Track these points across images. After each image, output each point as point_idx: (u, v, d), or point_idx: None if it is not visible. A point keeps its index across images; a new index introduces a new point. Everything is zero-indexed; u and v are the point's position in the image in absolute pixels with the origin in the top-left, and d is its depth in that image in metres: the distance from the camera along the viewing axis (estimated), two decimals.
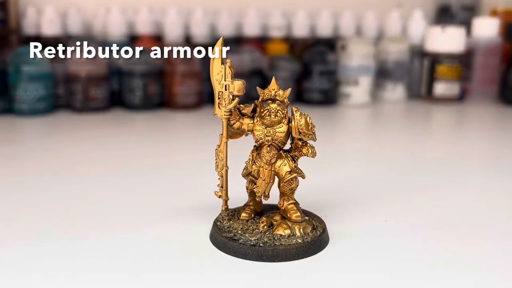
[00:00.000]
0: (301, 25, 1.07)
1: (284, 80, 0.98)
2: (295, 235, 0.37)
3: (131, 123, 0.84)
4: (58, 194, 0.49)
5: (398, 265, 0.35)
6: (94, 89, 0.87)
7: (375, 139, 0.80)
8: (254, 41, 1.05)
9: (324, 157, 0.64)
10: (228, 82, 0.37)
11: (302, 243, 0.36)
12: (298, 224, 0.37)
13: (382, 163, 0.63)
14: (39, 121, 0.82)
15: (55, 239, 0.38)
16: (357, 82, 0.97)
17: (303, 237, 0.36)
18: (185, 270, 0.34)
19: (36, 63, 0.83)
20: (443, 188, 0.52)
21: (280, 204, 0.39)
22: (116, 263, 0.35)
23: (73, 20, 0.99)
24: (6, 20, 0.93)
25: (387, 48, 1.03)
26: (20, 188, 0.51)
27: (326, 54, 0.97)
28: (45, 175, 0.55)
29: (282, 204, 0.38)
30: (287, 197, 0.38)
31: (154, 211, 0.44)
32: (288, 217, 0.38)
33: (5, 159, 0.62)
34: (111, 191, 0.50)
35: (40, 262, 0.35)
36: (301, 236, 0.36)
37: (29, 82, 0.83)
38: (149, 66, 0.89)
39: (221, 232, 0.37)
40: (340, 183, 0.53)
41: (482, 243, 0.39)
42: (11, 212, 0.44)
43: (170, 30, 1.00)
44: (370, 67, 0.98)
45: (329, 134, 0.79)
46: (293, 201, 0.38)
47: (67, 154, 0.64)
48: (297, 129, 0.37)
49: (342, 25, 1.09)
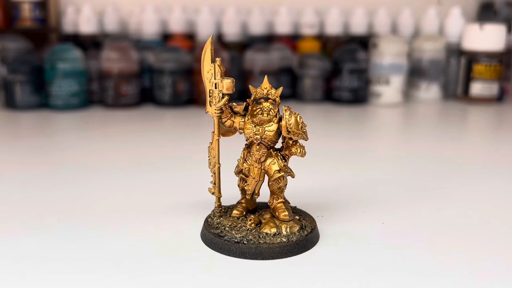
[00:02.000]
0: (334, 22, 1.06)
1: (313, 78, 0.97)
2: (281, 234, 0.37)
3: (160, 119, 0.86)
4: (81, 186, 0.51)
5: (378, 271, 0.34)
6: (125, 86, 0.90)
7: (405, 140, 0.78)
8: (285, 39, 1.05)
9: (348, 156, 0.64)
10: (217, 80, 0.37)
11: (286, 242, 0.36)
12: (286, 223, 0.37)
13: (408, 165, 0.61)
14: (72, 116, 0.85)
15: (52, 231, 0.40)
16: (388, 81, 0.95)
17: (289, 236, 0.36)
18: (166, 263, 0.35)
19: (70, 60, 0.87)
20: (465, 193, 0.50)
21: (270, 203, 0.39)
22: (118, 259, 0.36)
23: (110, 19, 1.02)
24: (46, 19, 0.98)
25: (422, 46, 1.00)
26: (47, 179, 0.53)
27: (357, 52, 0.95)
28: (72, 167, 0.57)
29: (271, 203, 0.38)
30: (276, 195, 0.38)
31: (166, 206, 0.45)
32: (276, 215, 0.38)
33: (38, 151, 0.65)
34: (136, 185, 0.52)
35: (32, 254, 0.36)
36: (286, 235, 0.36)
37: (64, 78, 0.87)
38: (178, 64, 0.91)
39: (210, 228, 0.38)
40: (358, 183, 0.53)
41: (478, 253, 0.37)
42: (39, 200, 0.46)
43: (202, 29, 1.02)
44: (402, 66, 0.95)
45: (357, 134, 0.78)
46: (282, 200, 0.38)
47: (95, 148, 0.67)
48: (286, 128, 0.37)
49: (376, 23, 1.07)
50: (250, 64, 0.94)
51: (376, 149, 0.70)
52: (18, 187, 0.51)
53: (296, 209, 0.41)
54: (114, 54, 0.89)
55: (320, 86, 0.98)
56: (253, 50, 0.94)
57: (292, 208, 0.42)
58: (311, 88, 0.98)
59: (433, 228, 0.41)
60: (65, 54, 0.87)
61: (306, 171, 0.45)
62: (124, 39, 0.98)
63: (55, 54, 0.87)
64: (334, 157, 0.64)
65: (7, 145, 0.68)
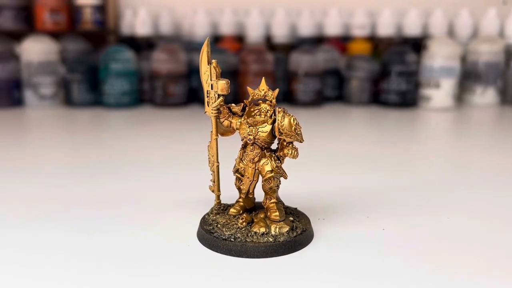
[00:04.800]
0: (386, 24, 1.03)
1: (360, 80, 0.96)
2: (269, 234, 0.37)
3: (205, 119, 0.88)
4: (127, 178, 0.54)
5: (359, 276, 0.34)
6: (173, 86, 0.94)
7: (452, 145, 0.75)
8: (335, 40, 1.04)
9: (387, 161, 0.63)
10: (213, 81, 0.38)
11: (273, 242, 0.36)
12: (276, 224, 0.38)
13: (452, 173, 0.58)
14: (123, 114, 0.90)
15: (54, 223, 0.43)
16: (438, 84, 0.92)
17: (276, 237, 0.37)
18: (154, 257, 0.36)
19: (123, 61, 0.92)
20: (491, 206, 0.48)
21: (263, 203, 0.39)
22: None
23: (164, 21, 1.06)
24: (104, 22, 1.04)
25: (478, 49, 0.95)
26: (94, 171, 0.57)
27: (405, 54, 0.93)
28: (121, 161, 0.61)
29: (265, 203, 0.39)
30: (269, 196, 0.39)
31: (190, 200, 0.47)
32: (268, 215, 0.38)
33: (90, 145, 0.70)
34: (174, 180, 0.54)
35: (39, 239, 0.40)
36: (274, 235, 0.37)
37: (116, 78, 0.92)
38: (224, 66, 0.93)
39: (204, 224, 0.39)
40: (385, 188, 0.51)
41: (474, 267, 0.36)
42: (78, 191, 0.50)
43: (252, 31, 1.03)
44: (454, 69, 0.91)
45: (403, 138, 0.76)
46: (275, 201, 0.39)
47: (142, 144, 0.70)
48: (278, 129, 0.37)
49: (432, 24, 1.04)
50: (295, 65, 0.94)
51: (421, 155, 0.67)
52: (67, 177, 0.55)
53: (296, 211, 0.42)
54: (163, 55, 0.93)
55: (367, 89, 0.96)
56: (298, 52, 0.95)
57: (292, 209, 0.42)
58: (358, 91, 0.96)
59: (438, 238, 0.40)
60: (118, 55, 0.92)
61: (329, 173, 0.45)
62: (175, 41, 1.02)
63: (109, 55, 0.92)
64: (372, 161, 0.62)
65: (64, 139, 0.74)
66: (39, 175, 0.56)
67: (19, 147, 0.69)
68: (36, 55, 0.92)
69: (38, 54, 0.92)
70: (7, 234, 0.40)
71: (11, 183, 0.53)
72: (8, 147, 0.69)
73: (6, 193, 0.50)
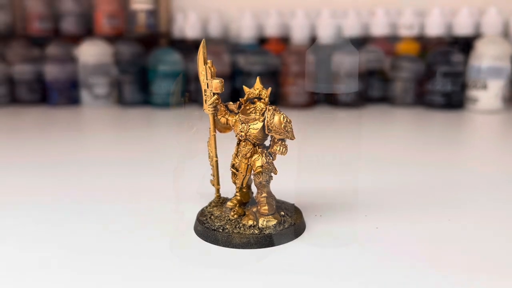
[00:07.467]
0: (435, 23, 1.00)
1: (405, 81, 0.94)
2: (256, 226, 0.39)
3: None
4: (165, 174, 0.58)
5: (334, 274, 0.34)
6: None
7: (497, 149, 0.72)
8: (382, 40, 1.03)
9: (429, 162, 0.61)
10: (208, 80, 0.40)
11: (258, 234, 0.38)
12: (264, 217, 0.39)
13: (492, 176, 0.56)
14: (169, 113, 0.95)
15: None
16: (485, 86, 0.88)
17: (263, 229, 0.38)
18: (147, 238, 0.39)
19: (170, 63, 0.97)
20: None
21: (255, 197, 0.41)
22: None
23: (213, 24, 1.10)
24: (157, 26, 1.09)
25: None
26: (136, 165, 0.62)
27: (451, 54, 0.90)
28: (162, 156, 0.66)
29: (257, 197, 0.41)
30: (260, 190, 0.40)
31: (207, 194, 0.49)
32: (258, 209, 0.40)
33: (138, 141, 0.75)
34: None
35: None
36: (261, 228, 0.38)
37: (163, 79, 0.96)
38: (265, 67, 0.95)
39: (200, 216, 0.41)
40: (405, 187, 0.51)
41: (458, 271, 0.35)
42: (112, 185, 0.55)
43: (297, 32, 1.04)
44: (503, 70, 0.88)
45: (446, 140, 0.75)
46: (266, 195, 0.40)
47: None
48: (267, 126, 0.38)
49: (485, 23, 0.99)
50: (337, 66, 0.94)
51: (464, 158, 0.66)
52: (111, 170, 0.60)
53: (292, 207, 0.43)
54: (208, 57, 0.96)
55: (412, 90, 0.94)
56: (341, 53, 0.94)
57: (288, 205, 0.43)
58: (402, 91, 0.95)
59: (434, 240, 0.40)
60: (165, 57, 0.97)
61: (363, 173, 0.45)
62: (221, 43, 1.05)
63: (157, 57, 0.97)
64: (413, 163, 0.62)
65: (116, 136, 0.81)
66: (93, 168, 0.61)
67: (75, 142, 0.75)
68: (92, 58, 0.99)
69: (93, 57, 0.99)
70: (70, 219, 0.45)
71: (68, 174, 0.58)
72: (65, 142, 0.75)
73: (64, 181, 0.55)
